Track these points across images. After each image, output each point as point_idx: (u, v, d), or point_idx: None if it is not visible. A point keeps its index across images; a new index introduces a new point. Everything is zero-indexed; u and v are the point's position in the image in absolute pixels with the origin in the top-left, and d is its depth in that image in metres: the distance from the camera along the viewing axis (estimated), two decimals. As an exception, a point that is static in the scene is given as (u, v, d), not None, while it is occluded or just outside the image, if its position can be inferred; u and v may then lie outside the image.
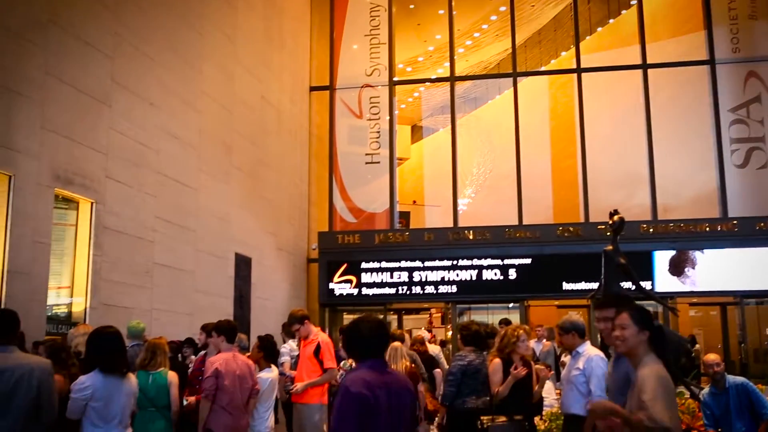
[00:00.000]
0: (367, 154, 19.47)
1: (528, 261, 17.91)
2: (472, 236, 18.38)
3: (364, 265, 18.37)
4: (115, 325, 5.93)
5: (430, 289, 18.16)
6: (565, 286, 17.60)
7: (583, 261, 16.33)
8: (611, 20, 21.68)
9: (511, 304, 18.76)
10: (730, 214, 17.75)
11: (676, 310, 14.89)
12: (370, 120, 19.54)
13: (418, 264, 18.27)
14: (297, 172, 18.85)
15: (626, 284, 9.32)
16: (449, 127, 19.78)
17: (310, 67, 20.15)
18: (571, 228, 18.03)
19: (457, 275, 18.15)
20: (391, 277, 18.28)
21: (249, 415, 7.24)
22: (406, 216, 21.78)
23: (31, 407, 4.82)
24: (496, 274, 18.01)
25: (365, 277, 18.34)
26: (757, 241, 17.18)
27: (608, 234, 9.74)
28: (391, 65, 19.62)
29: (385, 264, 18.32)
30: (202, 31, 13.95)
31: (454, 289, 18.11)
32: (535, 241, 18.05)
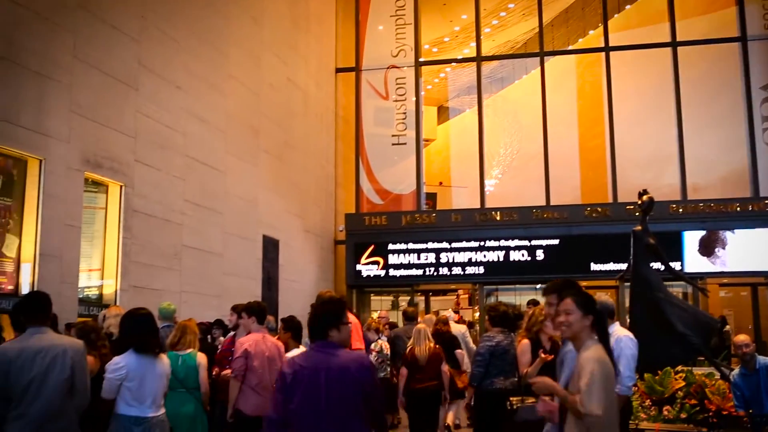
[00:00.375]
0: (393, 136, 19.43)
1: (556, 242, 17.83)
2: (499, 217, 18.32)
3: (391, 246, 18.39)
4: (146, 306, 6.00)
5: (457, 271, 18.15)
6: (593, 267, 17.50)
7: (612, 241, 16.23)
8: (640, -2, 21.39)
9: (539, 286, 18.66)
10: (762, 194, 17.52)
11: (707, 290, 14.77)
12: (396, 101, 19.49)
13: (445, 245, 18.26)
14: (323, 154, 18.87)
15: (655, 265, 9.23)
16: (476, 108, 19.69)
17: (336, 49, 20.10)
18: (599, 208, 17.91)
19: (485, 256, 18.12)
20: (418, 259, 18.29)
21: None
22: (432, 197, 21.74)
23: (65, 387, 4.89)
24: (523, 255, 17.96)
25: (392, 259, 18.36)
26: (789, 221, 16.96)
27: (637, 214, 9.65)
28: (417, 46, 19.52)
29: (412, 245, 18.33)
30: (229, 15, 13.97)
31: (482, 270, 18.08)
32: (563, 221, 17.95)
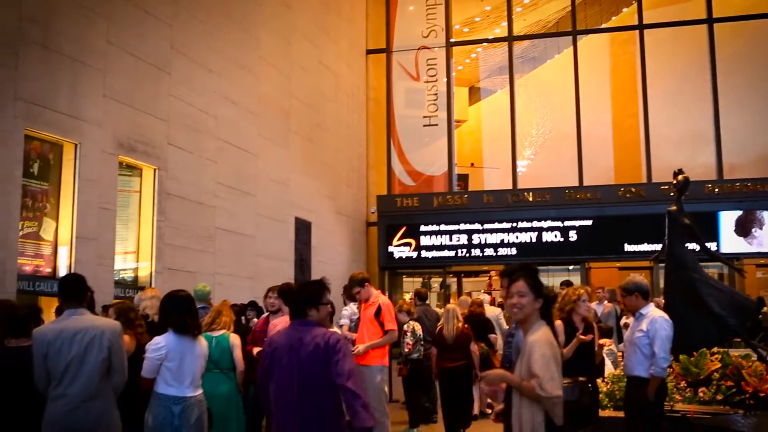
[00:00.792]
0: (424, 117, 19.39)
1: (589, 222, 17.70)
2: (531, 198, 18.22)
3: (423, 228, 18.39)
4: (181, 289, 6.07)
5: (489, 252, 18.11)
6: (627, 248, 17.38)
7: (646, 222, 16.11)
8: (675, -26, 21.03)
9: (572, 267, 18.61)
10: (800, 173, 17.25)
11: (743, 271, 14.61)
12: (427, 82, 19.42)
13: (477, 226, 18.22)
14: (355, 136, 18.88)
15: (691, 245, 9.13)
16: (507, 88, 19.57)
17: (367, 31, 20.05)
18: (633, 189, 17.74)
19: (517, 237, 18.05)
20: (450, 240, 18.27)
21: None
22: (464, 178, 21.67)
23: (103, 368, 4.99)
24: (556, 236, 17.87)
25: (424, 240, 18.36)
26: (828, 200, 16.68)
27: (672, 194, 9.55)
28: (447, 26, 19.42)
29: (444, 227, 18.31)
30: (259, -4, 14.00)
31: (514, 251, 18.02)
32: (596, 202, 17.82)
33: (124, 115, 10.00)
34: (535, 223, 17.97)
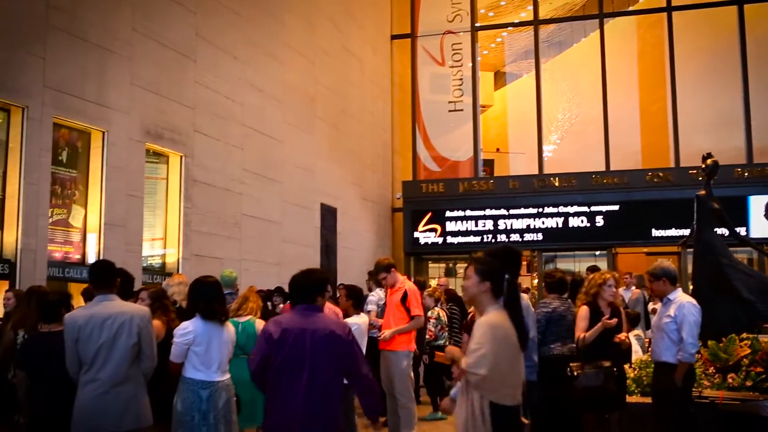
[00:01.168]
0: (450, 102, 19.32)
1: (615, 207, 17.55)
2: (557, 183, 18.11)
3: (449, 213, 18.35)
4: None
5: (515, 237, 18.02)
6: (655, 233, 17.21)
7: (674, 207, 15.95)
8: (704, -45, 20.69)
9: (598, 252, 18.47)
10: (832, 156, 16.98)
11: (773, 256, 14.42)
12: (453, 67, 19.33)
13: (503, 212, 18.14)
14: (380, 122, 18.86)
15: (720, 230, 9.03)
16: (533, 73, 19.42)
17: (391, 16, 19.98)
18: (660, 173, 17.55)
19: (543, 223, 17.96)
20: (476, 226, 18.22)
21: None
22: (490, 164, 21.56)
23: (132, 353, 5.06)
24: (582, 222, 17.75)
25: (450, 226, 18.33)
26: None
27: (701, 179, 9.44)
28: (473, 10, 19.30)
29: (469, 212, 18.26)
30: (283, -18, 13.99)
31: (540, 237, 17.93)
32: (623, 187, 17.65)
33: (150, 103, 10.07)
34: (562, 209, 17.85)
